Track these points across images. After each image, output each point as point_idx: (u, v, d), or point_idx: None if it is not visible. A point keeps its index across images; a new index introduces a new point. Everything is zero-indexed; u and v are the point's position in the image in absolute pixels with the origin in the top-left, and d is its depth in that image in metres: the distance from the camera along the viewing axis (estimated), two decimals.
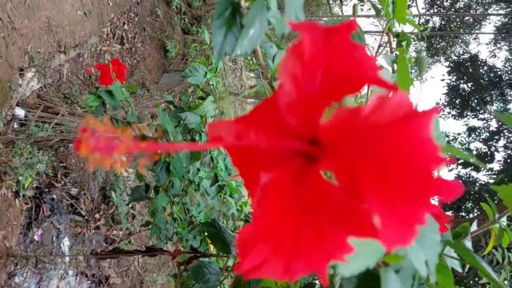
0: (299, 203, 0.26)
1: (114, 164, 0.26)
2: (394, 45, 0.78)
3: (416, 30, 0.89)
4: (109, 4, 3.53)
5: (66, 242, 2.45)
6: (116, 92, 1.05)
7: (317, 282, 0.83)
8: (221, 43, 0.39)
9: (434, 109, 0.22)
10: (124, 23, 3.90)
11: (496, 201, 0.69)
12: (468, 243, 0.66)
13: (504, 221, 0.69)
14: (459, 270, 0.54)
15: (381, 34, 0.79)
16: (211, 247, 1.14)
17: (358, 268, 0.30)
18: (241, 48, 0.38)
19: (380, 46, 0.78)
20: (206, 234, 0.88)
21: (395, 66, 0.66)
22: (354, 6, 0.64)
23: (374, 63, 0.26)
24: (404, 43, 0.75)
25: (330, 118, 0.26)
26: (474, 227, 0.68)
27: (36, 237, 2.24)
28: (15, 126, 2.28)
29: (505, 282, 0.96)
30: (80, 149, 0.26)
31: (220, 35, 0.39)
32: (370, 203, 0.23)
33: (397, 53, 0.73)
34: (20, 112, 2.32)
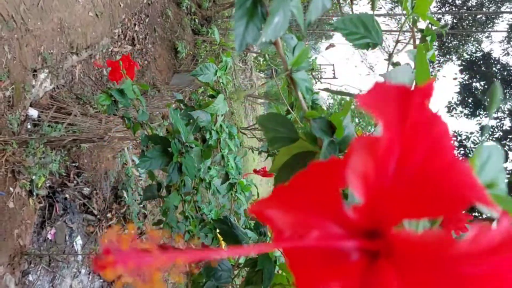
0: None
1: (147, 282, 0.22)
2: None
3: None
4: (120, 6, 3.56)
5: (78, 241, 2.47)
6: (127, 90, 1.05)
7: None
8: (243, 33, 0.39)
9: None
10: (135, 24, 3.92)
11: None
12: None
13: None
14: None
15: (399, 32, 0.78)
16: (223, 244, 1.14)
17: None
18: (266, 36, 0.38)
19: (397, 42, 0.77)
20: (218, 231, 0.88)
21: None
22: (373, 1, 0.63)
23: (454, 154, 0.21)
24: (428, 38, 0.74)
25: (410, 237, 0.21)
26: (494, 226, 0.67)
27: (49, 236, 2.27)
28: (29, 126, 2.31)
29: None
30: (105, 272, 0.22)
31: (242, 26, 0.39)
32: None
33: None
34: (33, 112, 2.35)
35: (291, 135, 0.54)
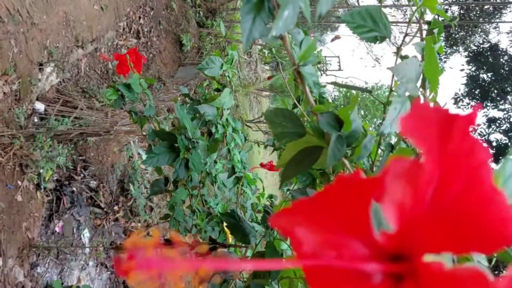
0: None
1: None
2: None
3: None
4: None
5: (86, 234, 2.50)
6: (134, 84, 1.05)
7: None
8: (250, 28, 0.39)
9: None
10: (139, 17, 3.92)
11: None
12: None
13: None
14: (485, 263, 0.53)
15: (408, 24, 0.78)
16: (229, 238, 1.15)
17: None
18: (276, 29, 0.37)
19: (406, 35, 0.76)
20: (225, 224, 0.89)
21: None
22: None
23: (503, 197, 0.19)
24: (436, 31, 0.73)
25: (441, 270, 0.20)
26: None
27: (57, 229, 2.29)
28: (35, 120, 2.32)
29: None
30: (128, 275, 0.22)
31: (249, 21, 0.39)
32: None
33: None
34: (40, 106, 2.36)
35: (298, 130, 0.54)
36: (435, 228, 0.21)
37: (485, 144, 0.20)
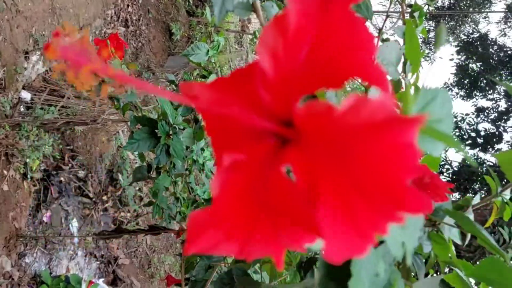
0: (258, 193, 0.25)
1: (77, 79, 0.24)
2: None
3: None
4: None
5: (74, 224, 2.48)
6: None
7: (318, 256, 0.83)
8: (222, 0, 0.38)
9: (417, 119, 0.19)
10: (128, 5, 3.87)
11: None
12: (470, 216, 0.65)
13: (507, 194, 0.69)
14: (458, 242, 0.53)
15: (389, 5, 0.77)
16: None
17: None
18: None
19: (387, 17, 0.76)
20: None
21: None
22: None
23: (373, 47, 0.22)
24: (416, 14, 0.73)
25: (303, 108, 0.23)
26: (476, 199, 0.68)
27: (45, 219, 2.27)
28: (22, 109, 2.29)
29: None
30: (48, 52, 0.24)
31: None
32: (323, 208, 0.21)
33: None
34: (26, 95, 2.33)
35: None
36: (305, 75, 0.24)
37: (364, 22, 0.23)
